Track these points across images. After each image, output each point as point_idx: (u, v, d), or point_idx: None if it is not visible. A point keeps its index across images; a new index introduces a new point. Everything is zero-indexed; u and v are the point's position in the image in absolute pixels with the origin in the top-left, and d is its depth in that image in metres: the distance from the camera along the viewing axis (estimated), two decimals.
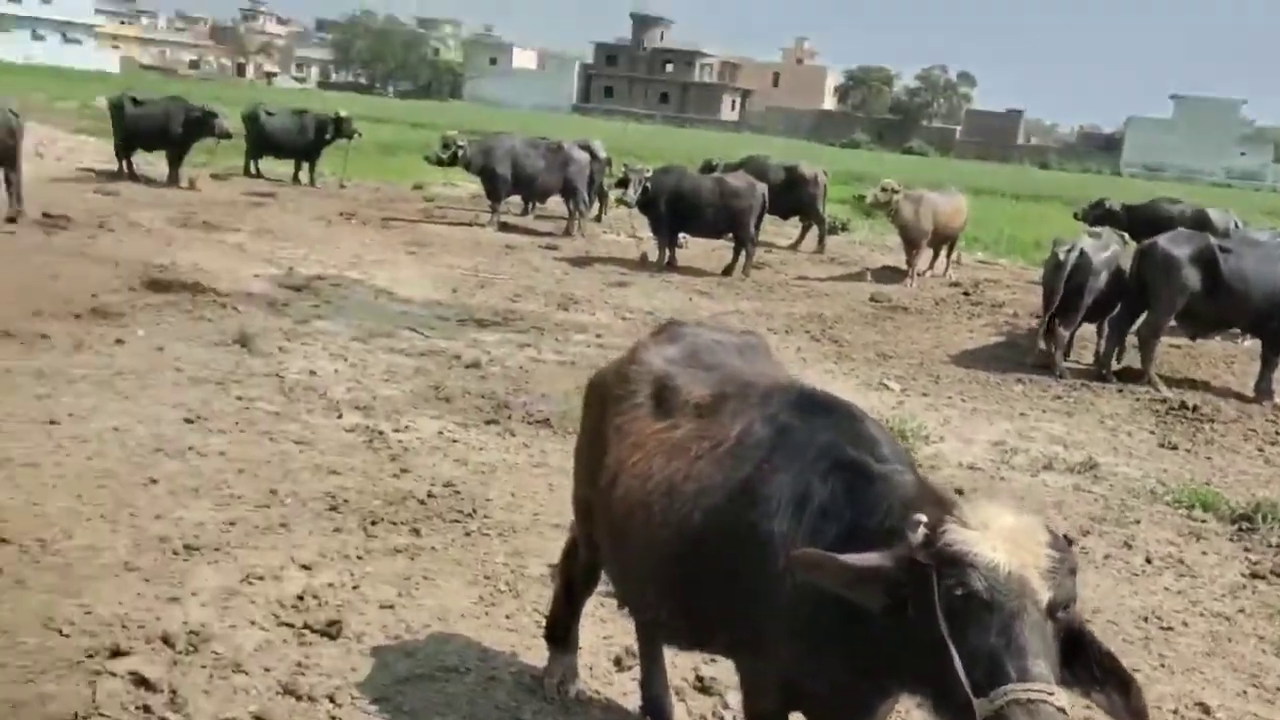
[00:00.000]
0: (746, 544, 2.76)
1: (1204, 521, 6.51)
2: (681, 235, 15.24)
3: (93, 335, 8.01)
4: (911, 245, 15.17)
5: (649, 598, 3.22)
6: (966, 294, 14.44)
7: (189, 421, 6.40)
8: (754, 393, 3.10)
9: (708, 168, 18.65)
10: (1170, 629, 5.02)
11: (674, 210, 14.45)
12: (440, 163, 17.04)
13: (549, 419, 7.29)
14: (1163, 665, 4.69)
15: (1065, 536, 2.34)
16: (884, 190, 15.24)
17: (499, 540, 5.29)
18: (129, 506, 5.09)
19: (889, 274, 15.67)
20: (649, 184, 14.26)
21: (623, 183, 14.58)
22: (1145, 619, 5.09)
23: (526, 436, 6.97)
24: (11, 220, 12.35)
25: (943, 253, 16.42)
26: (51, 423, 6.07)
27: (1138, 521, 6.41)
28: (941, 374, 9.94)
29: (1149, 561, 5.81)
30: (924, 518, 2.31)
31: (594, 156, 18.09)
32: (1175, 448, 8.17)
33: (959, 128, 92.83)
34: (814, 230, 18.29)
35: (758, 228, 14.93)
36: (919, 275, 15.29)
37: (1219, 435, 8.58)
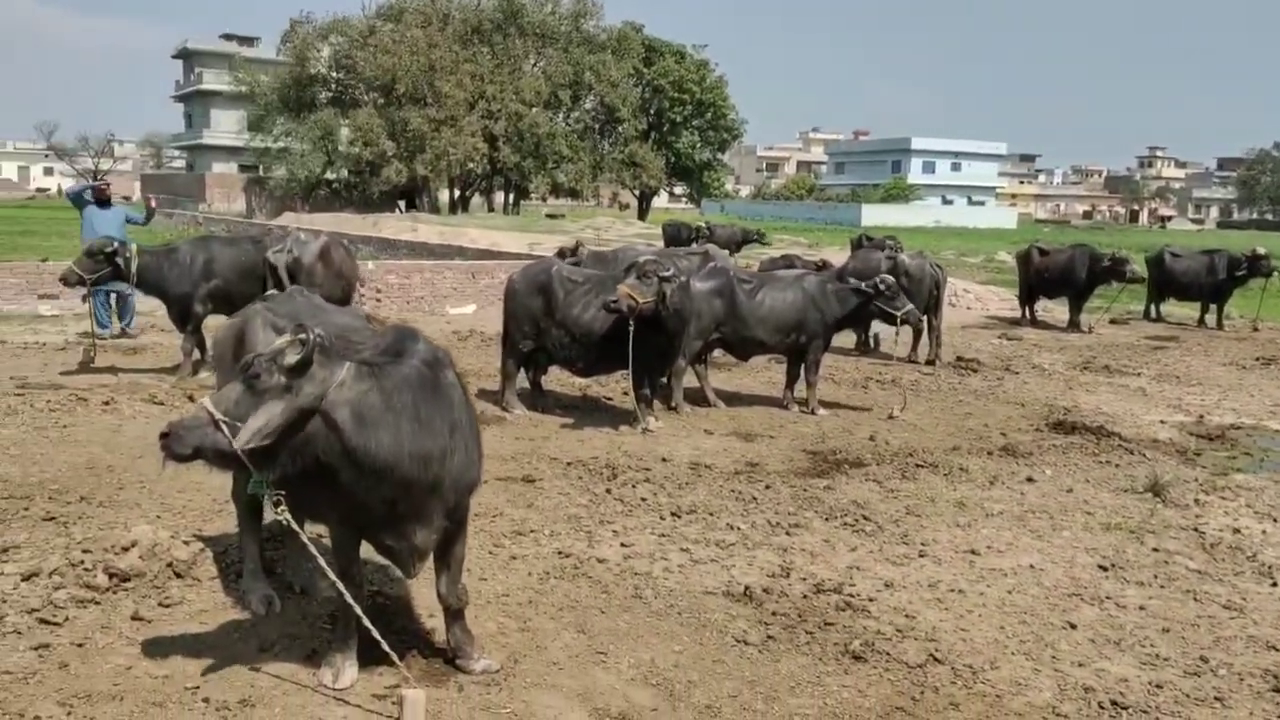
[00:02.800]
0: None
1: None
2: None
3: (1004, 472, 8.28)
4: None
5: None
6: None
7: (1103, 569, 6.15)
8: None
9: None
10: None
11: None
12: None
13: None
14: None
15: None
16: None
17: None
18: (1050, 648, 4.99)
19: None
20: None
21: None
22: None
23: None
24: (930, 363, 13.72)
25: None
26: (972, 552, 6.33)
27: None
28: None
29: None
30: None
31: None
32: None
33: None
34: None
35: None
36: None
37: None
